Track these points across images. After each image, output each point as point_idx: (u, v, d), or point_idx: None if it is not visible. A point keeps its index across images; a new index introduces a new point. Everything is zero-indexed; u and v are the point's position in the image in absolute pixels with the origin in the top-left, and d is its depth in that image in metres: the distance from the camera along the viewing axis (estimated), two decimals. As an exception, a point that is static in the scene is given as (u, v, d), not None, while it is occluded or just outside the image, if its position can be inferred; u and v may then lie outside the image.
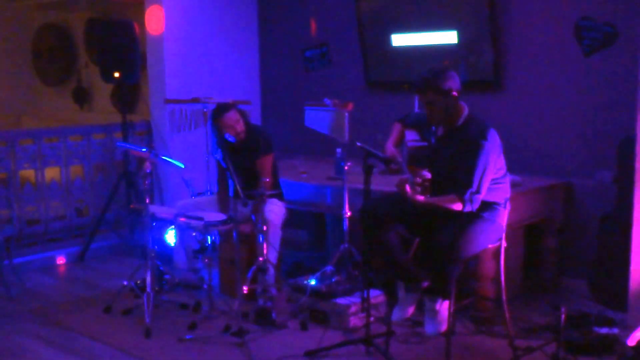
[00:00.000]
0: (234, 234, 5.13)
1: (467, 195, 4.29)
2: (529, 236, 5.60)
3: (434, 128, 4.61)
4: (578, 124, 5.68)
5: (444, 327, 4.59)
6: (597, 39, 5.48)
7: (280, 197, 5.72)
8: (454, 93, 4.44)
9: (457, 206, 4.31)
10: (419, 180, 4.22)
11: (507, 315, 4.55)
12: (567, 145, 5.76)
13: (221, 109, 5.60)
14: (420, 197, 4.27)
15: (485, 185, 4.34)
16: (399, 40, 6.50)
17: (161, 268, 5.53)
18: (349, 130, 5.62)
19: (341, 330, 4.95)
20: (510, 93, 6.01)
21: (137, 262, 5.70)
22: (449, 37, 6.14)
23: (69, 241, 7.16)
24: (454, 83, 4.47)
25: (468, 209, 4.32)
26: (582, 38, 5.55)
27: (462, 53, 6.11)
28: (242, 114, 5.64)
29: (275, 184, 5.69)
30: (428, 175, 4.24)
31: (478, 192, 4.31)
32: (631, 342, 4.08)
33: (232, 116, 5.57)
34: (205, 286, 5.37)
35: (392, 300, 5.01)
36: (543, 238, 5.74)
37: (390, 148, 5.53)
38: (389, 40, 6.56)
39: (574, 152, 5.72)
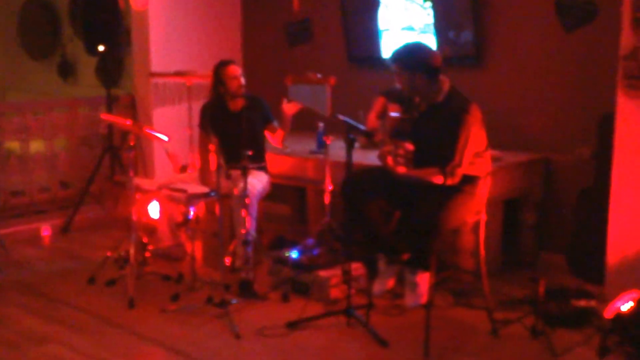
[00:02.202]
0: (217, 207, 5.06)
1: (449, 169, 4.25)
2: (507, 211, 5.56)
3: (417, 101, 4.56)
4: (558, 100, 5.63)
5: (423, 299, 4.57)
6: (578, 16, 5.41)
7: (266, 169, 5.67)
8: (421, 74, 4.39)
9: (439, 179, 4.27)
10: (401, 152, 4.18)
11: (486, 288, 4.52)
12: (546, 121, 5.71)
13: (226, 61, 5.65)
14: (402, 169, 4.24)
15: (467, 158, 4.31)
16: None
17: (144, 240, 5.48)
18: (331, 104, 5.56)
19: (322, 302, 4.91)
20: (490, 69, 5.95)
21: (120, 234, 5.63)
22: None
23: (54, 213, 7.08)
24: (424, 65, 4.41)
25: (449, 182, 4.28)
26: (563, 14, 5.48)
27: (442, 28, 6.04)
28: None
29: (263, 156, 5.65)
30: (411, 146, 4.19)
31: (459, 165, 4.28)
32: (608, 314, 4.06)
33: (236, 68, 5.62)
34: (188, 258, 5.31)
35: (372, 273, 4.99)
36: (522, 212, 5.71)
37: (372, 121, 5.49)
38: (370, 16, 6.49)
39: (554, 127, 5.67)
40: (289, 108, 5.50)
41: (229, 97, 5.59)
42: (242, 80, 5.61)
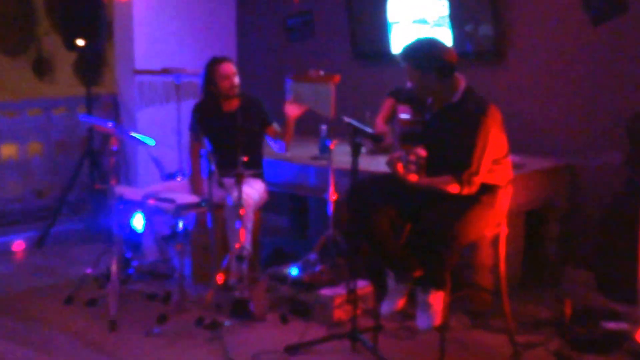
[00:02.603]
0: (208, 218, 5.06)
1: (465, 177, 4.25)
2: (530, 223, 5.55)
3: (429, 101, 4.56)
4: (585, 99, 5.63)
5: (437, 321, 4.55)
6: (607, 7, 5.42)
7: (262, 177, 5.67)
8: (432, 74, 4.39)
9: (454, 188, 4.27)
10: (413, 158, 4.17)
11: (506, 308, 4.51)
12: (573, 123, 5.71)
13: (218, 58, 5.67)
14: (414, 177, 4.23)
15: (485, 166, 4.30)
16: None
17: (128, 255, 5.48)
18: (335, 105, 5.55)
19: (325, 324, 4.90)
20: (511, 66, 5.96)
21: (101, 249, 5.63)
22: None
23: (28, 225, 7.09)
24: (435, 63, 4.41)
25: (466, 191, 4.27)
26: (591, 6, 5.48)
27: (458, 21, 6.04)
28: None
29: (260, 162, 5.65)
30: (423, 152, 4.18)
31: (477, 173, 4.27)
32: (642, 338, 4.05)
33: (230, 66, 5.63)
34: (176, 275, 5.30)
35: (380, 292, 4.97)
36: (545, 225, 5.71)
37: (380, 124, 5.49)
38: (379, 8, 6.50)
39: (581, 130, 5.67)
40: (293, 110, 5.50)
41: (221, 97, 5.60)
42: (236, 80, 5.62)
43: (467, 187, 4.28)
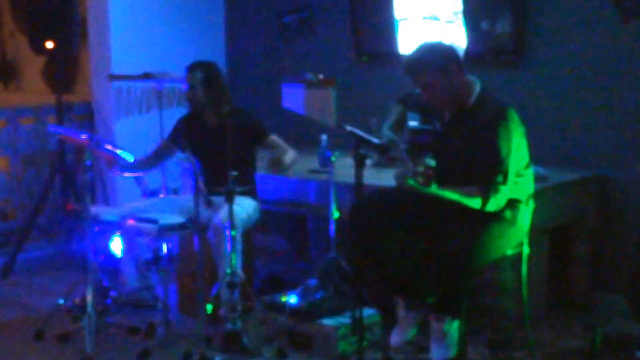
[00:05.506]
0: (196, 241, 5.10)
1: (492, 188, 4.26)
2: (556, 242, 5.59)
3: (439, 109, 4.60)
4: (616, 104, 5.65)
5: (453, 353, 4.57)
6: (639, 2, 5.47)
7: (253, 194, 5.70)
8: (455, 68, 4.44)
9: (477, 202, 4.27)
10: (420, 169, 4.19)
11: (530, 337, 4.54)
12: (603, 129, 5.73)
13: (190, 66, 5.69)
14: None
15: (511, 175, 4.32)
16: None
17: (105, 284, 5.48)
18: (336, 112, 5.60)
19: (328, 358, 4.94)
20: (532, 67, 5.99)
21: (75, 277, 5.66)
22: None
23: (-8, 251, 7.11)
24: (452, 56, 4.47)
25: (492, 206, 4.28)
26: (621, 0, 5.53)
27: (473, 17, 6.09)
28: (217, 87, 5.64)
29: (250, 178, 5.68)
30: (431, 162, 4.20)
31: (505, 183, 4.28)
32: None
33: (193, 76, 5.64)
34: (160, 305, 5.34)
35: (389, 321, 4.99)
36: (573, 244, 5.73)
37: (388, 134, 5.51)
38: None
39: (612, 138, 5.69)
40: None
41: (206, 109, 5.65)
42: (192, 94, 5.67)
43: (494, 201, 4.28)
